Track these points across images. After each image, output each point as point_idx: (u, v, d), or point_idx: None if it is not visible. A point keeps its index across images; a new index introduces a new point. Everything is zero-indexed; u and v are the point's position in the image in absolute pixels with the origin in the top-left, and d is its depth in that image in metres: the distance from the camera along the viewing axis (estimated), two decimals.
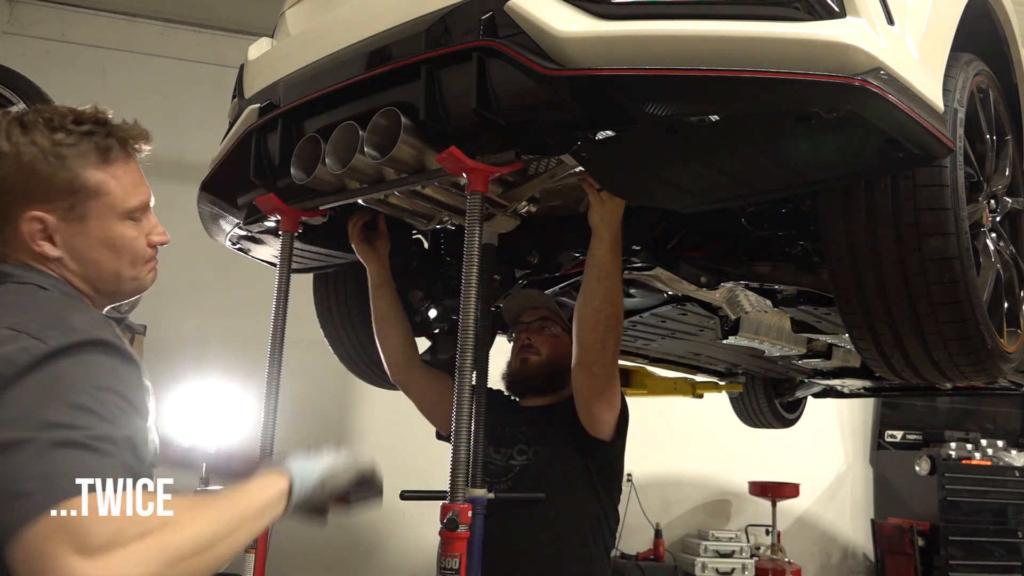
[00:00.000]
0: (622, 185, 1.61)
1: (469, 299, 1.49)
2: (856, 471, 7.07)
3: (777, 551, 5.82)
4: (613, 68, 1.26)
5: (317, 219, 1.94)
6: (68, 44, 5.20)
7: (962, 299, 1.52)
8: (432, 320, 2.71)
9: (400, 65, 1.52)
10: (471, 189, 1.51)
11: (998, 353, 1.64)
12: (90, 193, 1.07)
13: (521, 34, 1.32)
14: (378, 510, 1.33)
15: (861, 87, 1.19)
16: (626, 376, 4.02)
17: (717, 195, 1.61)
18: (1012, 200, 1.90)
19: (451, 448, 1.49)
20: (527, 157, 1.54)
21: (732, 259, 1.98)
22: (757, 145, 1.39)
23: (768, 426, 4.49)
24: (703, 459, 6.36)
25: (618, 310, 1.81)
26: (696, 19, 1.24)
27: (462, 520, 1.44)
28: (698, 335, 2.83)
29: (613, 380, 1.94)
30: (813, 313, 2.22)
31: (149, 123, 1.18)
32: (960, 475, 6.13)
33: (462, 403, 1.47)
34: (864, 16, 1.24)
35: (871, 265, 1.54)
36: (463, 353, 1.48)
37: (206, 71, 5.22)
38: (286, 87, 1.80)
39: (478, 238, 1.50)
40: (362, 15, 1.68)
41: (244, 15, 5.12)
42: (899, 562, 6.16)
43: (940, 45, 1.50)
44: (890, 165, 1.43)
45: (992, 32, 1.83)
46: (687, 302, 2.37)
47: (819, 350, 2.95)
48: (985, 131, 1.74)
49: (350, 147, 1.57)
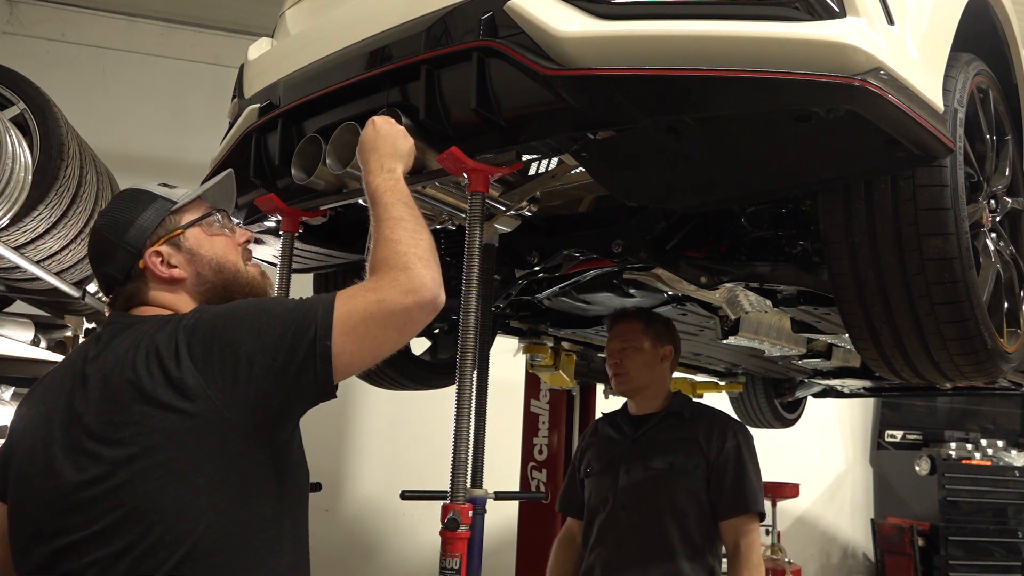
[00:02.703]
0: (622, 185, 1.61)
1: (469, 299, 1.49)
2: (856, 471, 7.08)
3: (777, 551, 5.81)
4: (613, 68, 1.26)
5: (317, 219, 1.94)
6: (68, 44, 5.20)
7: (962, 299, 1.52)
8: (432, 320, 2.71)
9: (400, 65, 1.52)
10: (472, 189, 1.51)
11: (998, 353, 1.64)
12: None
13: (521, 34, 1.32)
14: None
15: (861, 87, 1.19)
16: None
17: (717, 195, 1.61)
18: (1012, 200, 1.90)
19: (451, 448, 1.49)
20: (527, 157, 1.54)
21: (732, 259, 1.98)
22: (757, 145, 1.39)
23: (768, 426, 4.49)
24: None
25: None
26: (696, 19, 1.24)
27: (462, 520, 1.44)
28: (698, 335, 2.83)
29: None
30: (813, 313, 2.22)
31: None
32: (960, 475, 6.13)
33: (462, 403, 1.47)
34: (864, 16, 1.25)
35: (871, 265, 1.54)
36: (463, 353, 1.48)
37: (206, 71, 5.23)
38: (286, 87, 1.81)
39: (479, 238, 1.50)
40: (362, 15, 1.68)
41: (244, 15, 5.13)
42: (899, 562, 6.16)
43: (940, 45, 1.50)
44: (890, 165, 1.43)
45: (992, 32, 1.83)
46: (687, 302, 2.37)
47: (819, 350, 2.95)
48: (985, 131, 1.74)
49: (350, 147, 1.57)
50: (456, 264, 2.34)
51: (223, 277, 1.35)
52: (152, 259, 1.31)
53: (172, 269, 1.32)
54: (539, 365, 3.27)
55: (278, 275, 1.90)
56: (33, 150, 2.56)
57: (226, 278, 1.36)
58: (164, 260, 1.31)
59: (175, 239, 1.33)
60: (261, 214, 1.92)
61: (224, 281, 1.35)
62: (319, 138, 1.64)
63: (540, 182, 1.70)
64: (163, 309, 1.30)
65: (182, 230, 1.34)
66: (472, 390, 1.49)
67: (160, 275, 1.31)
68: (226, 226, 1.40)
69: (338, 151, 1.60)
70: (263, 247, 2.24)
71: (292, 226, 1.91)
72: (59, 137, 2.64)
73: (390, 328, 1.20)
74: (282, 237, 1.92)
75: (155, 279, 1.31)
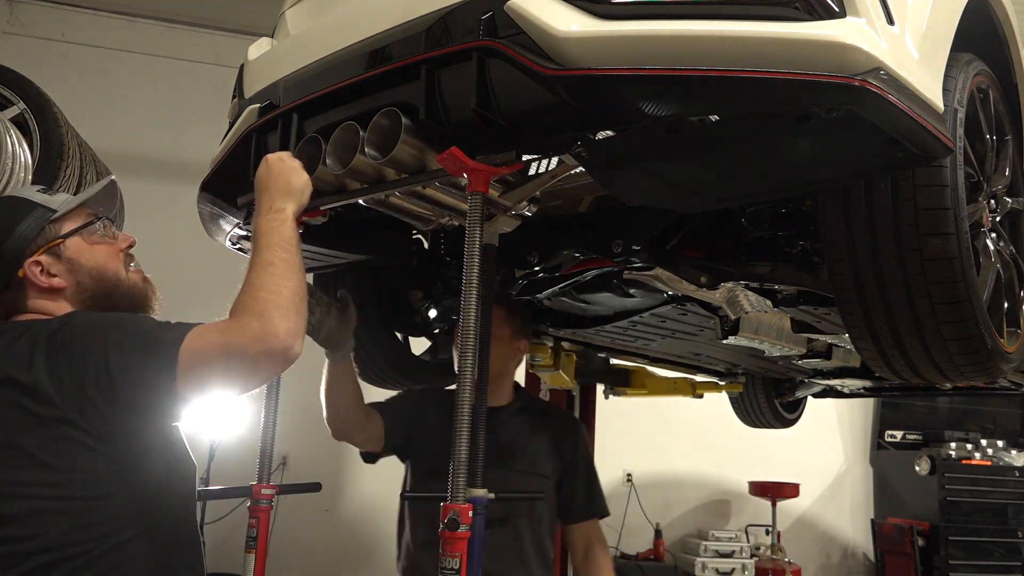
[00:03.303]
0: (622, 185, 1.61)
1: (469, 299, 1.49)
2: (856, 471, 7.08)
3: (777, 551, 5.82)
4: (613, 68, 1.26)
5: (317, 219, 1.93)
6: (68, 44, 5.21)
7: (962, 299, 1.52)
8: (432, 320, 2.71)
9: (400, 65, 1.52)
10: (472, 189, 1.51)
11: (998, 353, 1.64)
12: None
13: (521, 34, 1.32)
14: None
15: (861, 87, 1.19)
16: (626, 376, 4.03)
17: (717, 195, 1.61)
18: (1012, 200, 1.90)
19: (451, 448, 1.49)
20: (527, 157, 1.54)
21: (732, 259, 1.98)
22: (757, 145, 1.39)
23: (768, 426, 4.48)
24: (703, 459, 6.36)
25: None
26: (696, 19, 1.24)
27: (462, 520, 1.44)
28: (698, 335, 2.83)
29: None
30: (813, 313, 2.22)
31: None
32: (960, 475, 6.13)
33: (463, 403, 1.48)
34: (864, 16, 1.24)
35: (871, 265, 1.54)
36: (463, 353, 1.48)
37: (206, 71, 5.23)
38: (286, 87, 1.80)
39: (479, 238, 1.51)
40: (362, 15, 1.68)
41: (244, 15, 5.13)
42: (899, 562, 6.16)
43: (940, 45, 1.50)
44: (890, 165, 1.43)
45: (992, 32, 1.83)
46: (687, 302, 2.37)
47: (819, 350, 2.95)
48: (985, 131, 1.74)
49: (350, 147, 1.57)
50: (456, 264, 2.35)
51: (104, 286, 1.37)
52: (32, 268, 1.32)
53: (52, 279, 1.33)
54: (539, 365, 3.27)
55: None
56: (33, 150, 2.57)
57: (107, 286, 1.37)
58: (44, 269, 1.32)
59: (55, 248, 1.34)
60: None
61: (105, 289, 1.37)
62: (319, 138, 1.64)
63: (540, 182, 1.70)
64: (43, 316, 1.31)
65: (62, 239, 1.35)
66: (472, 390, 1.49)
67: (40, 285, 1.32)
68: (107, 233, 1.41)
69: (338, 151, 1.60)
70: None
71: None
72: (59, 137, 2.65)
73: (233, 373, 1.20)
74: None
75: (34, 288, 1.32)
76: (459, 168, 1.47)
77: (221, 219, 2.15)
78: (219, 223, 2.17)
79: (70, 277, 1.34)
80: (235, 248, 2.31)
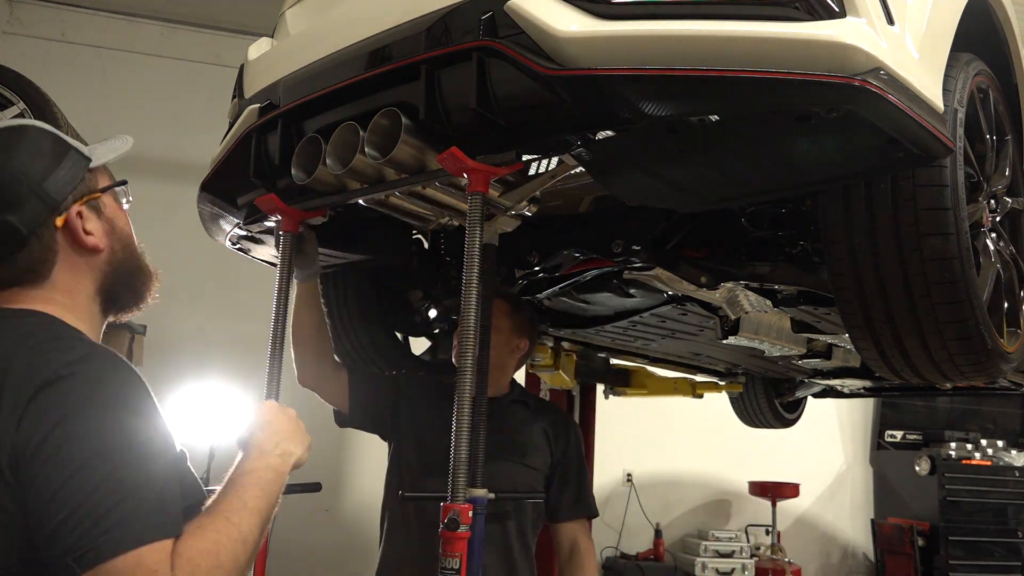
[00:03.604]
0: (622, 185, 1.61)
1: (469, 299, 1.49)
2: (856, 471, 7.08)
3: (777, 551, 5.82)
4: (613, 68, 1.26)
5: (317, 219, 1.94)
6: (68, 44, 5.21)
7: (962, 299, 1.52)
8: (432, 320, 2.71)
9: (400, 65, 1.52)
10: (472, 189, 1.51)
11: (998, 353, 1.64)
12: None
13: (521, 34, 1.32)
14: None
15: (861, 87, 1.19)
16: (626, 376, 4.03)
17: (717, 195, 1.61)
18: (1012, 200, 1.90)
19: (452, 448, 1.49)
20: (527, 157, 1.54)
21: (732, 259, 1.98)
22: (757, 145, 1.39)
23: (768, 426, 4.48)
24: (703, 459, 6.36)
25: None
26: (696, 19, 1.24)
27: (462, 520, 1.44)
28: (698, 335, 2.83)
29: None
30: (813, 313, 2.22)
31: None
32: (960, 475, 6.13)
33: (463, 403, 1.48)
34: (864, 16, 1.24)
35: (871, 265, 1.54)
36: (463, 353, 1.48)
37: (206, 71, 5.23)
38: (286, 87, 1.81)
39: (479, 238, 1.51)
40: (362, 15, 1.68)
41: (244, 15, 5.12)
42: (899, 562, 6.16)
43: (940, 45, 1.50)
44: (890, 165, 1.43)
45: (992, 32, 1.83)
46: (687, 302, 2.37)
47: (819, 350, 2.95)
48: (985, 131, 1.74)
49: (351, 147, 1.57)
50: (456, 264, 2.35)
51: (130, 261, 1.16)
52: (76, 219, 1.07)
53: (89, 236, 1.08)
54: (539, 365, 3.27)
55: (278, 275, 1.90)
56: None
57: (133, 263, 1.17)
58: (83, 225, 1.08)
59: (94, 202, 1.10)
60: (261, 214, 1.92)
61: (129, 267, 1.16)
62: (319, 138, 1.64)
63: (540, 182, 1.70)
64: (51, 300, 1.04)
65: (100, 193, 1.12)
66: (472, 390, 1.49)
67: (80, 241, 1.07)
68: (128, 202, 1.20)
69: (338, 151, 1.60)
70: (263, 247, 2.24)
71: (292, 226, 1.90)
72: None
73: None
74: (282, 237, 1.92)
75: (66, 249, 1.07)
76: (459, 168, 1.47)
77: (221, 219, 2.15)
78: (219, 223, 2.17)
79: (106, 240, 1.11)
80: (235, 248, 2.31)
